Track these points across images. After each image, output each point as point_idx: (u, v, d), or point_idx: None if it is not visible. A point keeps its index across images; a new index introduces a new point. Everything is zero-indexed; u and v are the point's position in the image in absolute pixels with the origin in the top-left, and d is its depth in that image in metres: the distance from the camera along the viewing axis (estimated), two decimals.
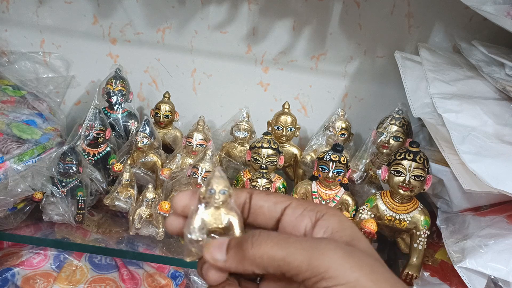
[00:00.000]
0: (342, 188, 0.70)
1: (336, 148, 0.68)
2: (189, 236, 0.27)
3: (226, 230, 0.28)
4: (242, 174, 0.75)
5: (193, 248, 0.28)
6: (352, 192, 0.75)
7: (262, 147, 0.71)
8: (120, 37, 0.90)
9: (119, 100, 0.83)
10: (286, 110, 0.80)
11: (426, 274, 0.65)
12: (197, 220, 0.27)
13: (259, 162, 0.71)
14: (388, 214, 0.66)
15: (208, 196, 0.28)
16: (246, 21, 0.87)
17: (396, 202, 0.65)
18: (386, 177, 0.65)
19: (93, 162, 0.75)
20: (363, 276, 0.25)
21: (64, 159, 0.67)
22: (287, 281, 0.28)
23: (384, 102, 0.91)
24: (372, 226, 0.65)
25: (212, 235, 0.28)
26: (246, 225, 0.31)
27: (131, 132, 0.84)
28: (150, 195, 0.69)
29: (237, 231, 0.28)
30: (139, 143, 0.74)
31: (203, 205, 0.28)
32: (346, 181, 0.70)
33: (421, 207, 0.66)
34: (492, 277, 0.56)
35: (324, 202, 0.69)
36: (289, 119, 0.79)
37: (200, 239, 0.27)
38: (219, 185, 0.28)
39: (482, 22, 0.82)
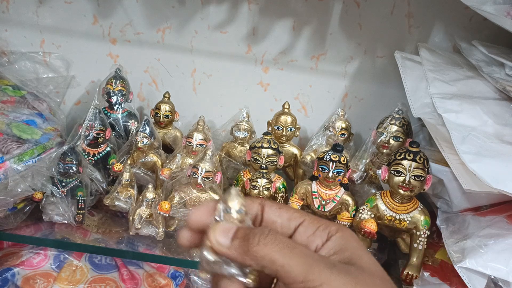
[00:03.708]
0: (342, 188, 0.70)
1: (336, 148, 0.68)
2: (205, 254, 0.27)
3: None
4: (242, 174, 0.75)
5: (208, 266, 0.27)
6: (352, 192, 0.75)
7: (262, 147, 0.71)
8: (120, 37, 0.90)
9: (119, 100, 0.83)
10: (286, 110, 0.80)
11: (426, 274, 0.65)
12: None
13: (259, 162, 0.71)
14: (388, 214, 0.66)
15: (224, 215, 0.27)
16: (246, 21, 0.87)
17: (396, 202, 0.65)
18: (386, 177, 0.65)
19: (93, 162, 0.75)
20: None
21: (64, 159, 0.67)
22: None
23: (384, 102, 0.91)
24: (372, 226, 0.65)
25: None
26: None
27: (131, 132, 0.84)
28: (150, 195, 0.69)
29: None
30: (139, 143, 0.74)
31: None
32: (346, 181, 0.70)
33: (421, 207, 0.66)
34: (492, 277, 0.56)
35: (324, 202, 0.69)
36: (289, 119, 0.79)
37: (215, 259, 0.27)
38: (235, 204, 0.27)
39: (482, 22, 0.82)
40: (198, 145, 0.74)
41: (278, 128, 0.79)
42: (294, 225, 0.30)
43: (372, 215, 0.67)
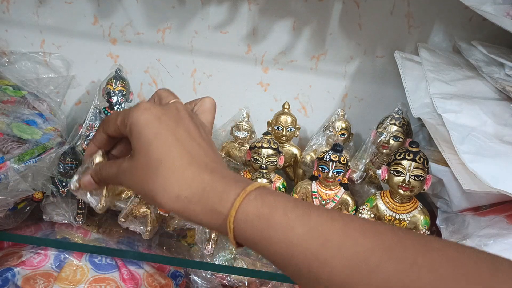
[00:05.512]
0: (342, 188, 0.70)
1: (336, 148, 0.68)
2: (73, 183, 0.45)
3: None
4: (242, 174, 0.75)
5: (74, 192, 0.46)
6: (352, 192, 0.75)
7: (262, 147, 0.71)
8: (120, 37, 0.90)
9: (119, 100, 0.83)
10: (286, 110, 0.80)
11: None
12: (77, 176, 0.46)
13: (259, 162, 0.71)
14: (388, 214, 0.66)
15: (91, 163, 0.45)
16: (246, 21, 0.87)
17: (396, 202, 0.66)
18: (386, 177, 0.65)
19: None
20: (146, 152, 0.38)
21: (64, 159, 0.67)
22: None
23: (384, 102, 0.92)
24: None
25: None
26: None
27: None
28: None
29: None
30: None
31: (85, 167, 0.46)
32: (346, 181, 0.70)
33: (421, 207, 0.66)
34: None
35: (324, 202, 0.69)
36: (289, 119, 0.79)
37: (74, 188, 0.46)
38: (98, 160, 0.45)
39: (482, 22, 0.82)
40: None
41: (278, 128, 0.79)
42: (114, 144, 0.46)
43: (372, 215, 0.67)
